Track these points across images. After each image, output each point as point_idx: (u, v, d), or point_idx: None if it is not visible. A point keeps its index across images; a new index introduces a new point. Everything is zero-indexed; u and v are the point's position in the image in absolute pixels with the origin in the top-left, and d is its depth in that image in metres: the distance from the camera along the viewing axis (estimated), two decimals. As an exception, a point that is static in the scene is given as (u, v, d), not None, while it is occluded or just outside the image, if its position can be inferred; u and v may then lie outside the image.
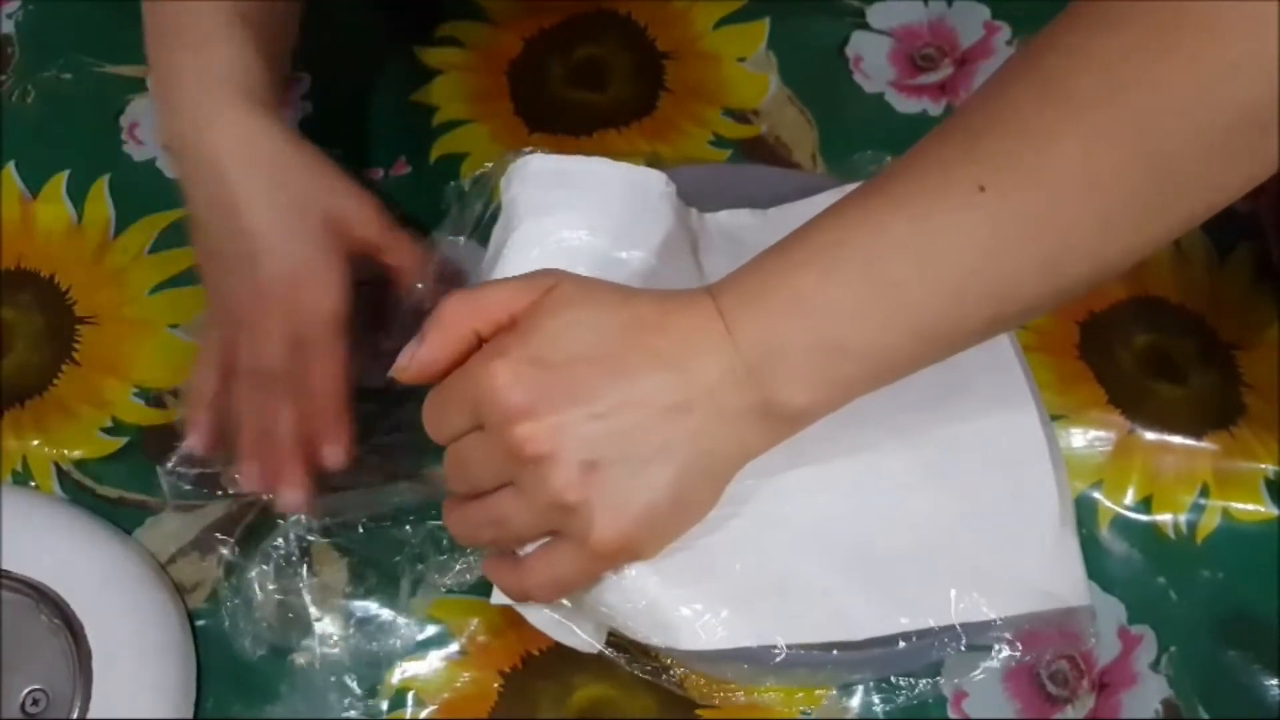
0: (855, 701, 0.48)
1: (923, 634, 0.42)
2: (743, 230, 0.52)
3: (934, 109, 0.61)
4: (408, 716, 0.49)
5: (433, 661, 0.50)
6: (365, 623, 0.51)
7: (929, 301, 0.35)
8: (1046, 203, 0.34)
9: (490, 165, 0.52)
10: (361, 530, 0.51)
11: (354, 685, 0.50)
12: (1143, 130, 0.33)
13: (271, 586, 0.51)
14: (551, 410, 0.36)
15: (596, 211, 0.46)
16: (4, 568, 0.49)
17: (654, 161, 0.60)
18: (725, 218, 0.52)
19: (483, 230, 0.51)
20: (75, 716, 0.47)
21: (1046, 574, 0.43)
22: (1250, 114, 0.32)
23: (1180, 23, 0.32)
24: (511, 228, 0.46)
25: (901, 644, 0.42)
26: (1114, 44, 0.33)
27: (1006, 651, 0.43)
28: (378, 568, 0.51)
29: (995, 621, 0.42)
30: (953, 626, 0.42)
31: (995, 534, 0.43)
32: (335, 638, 0.50)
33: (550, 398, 0.36)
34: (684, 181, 0.50)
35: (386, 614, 0.51)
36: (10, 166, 0.63)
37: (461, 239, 0.52)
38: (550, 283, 0.38)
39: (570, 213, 0.45)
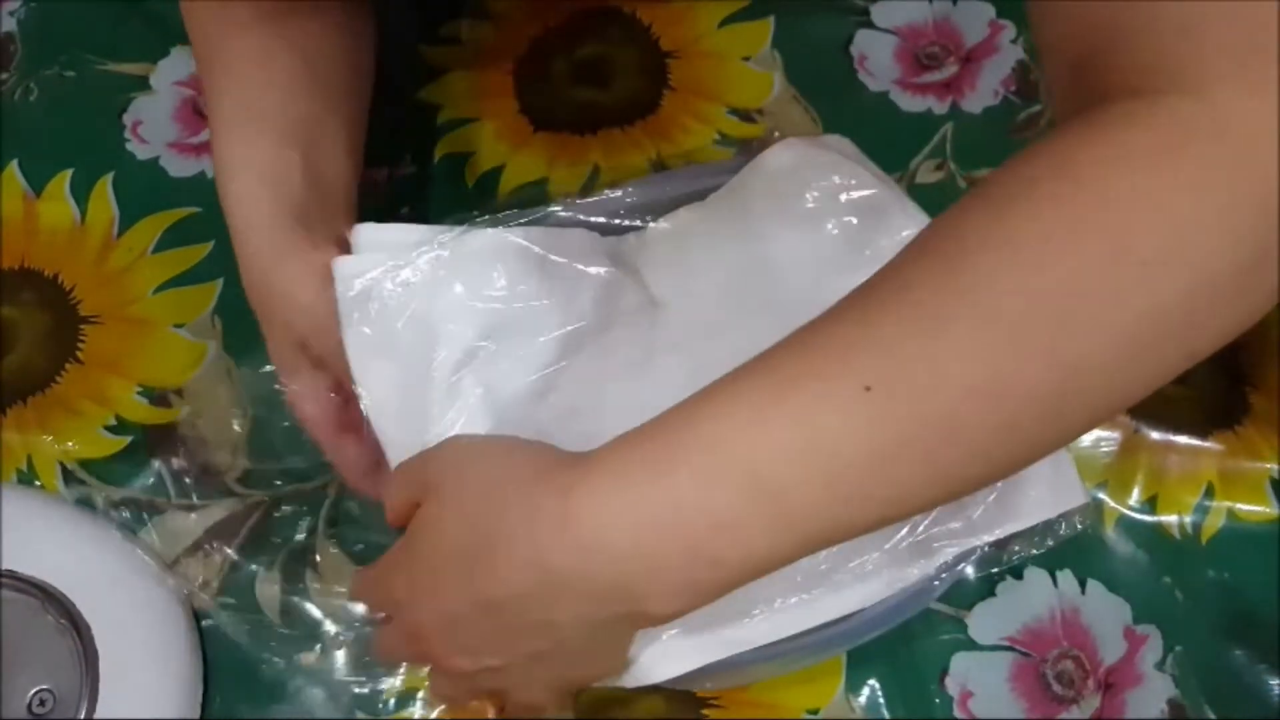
0: (863, 699, 0.49)
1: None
2: (687, 230, 0.50)
3: (939, 107, 0.61)
4: (415, 717, 0.49)
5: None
6: (371, 623, 0.51)
7: (813, 508, 0.32)
8: (936, 404, 0.31)
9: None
10: (366, 531, 0.52)
11: (360, 685, 0.50)
12: (1042, 330, 0.31)
13: (277, 586, 0.51)
14: (429, 630, 0.37)
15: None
16: (9, 568, 0.49)
17: (658, 164, 0.60)
18: (668, 223, 0.50)
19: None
20: (82, 717, 0.47)
21: (1049, 484, 0.43)
22: (1160, 315, 0.31)
23: (1088, 215, 0.31)
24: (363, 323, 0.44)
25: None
26: (1019, 233, 0.31)
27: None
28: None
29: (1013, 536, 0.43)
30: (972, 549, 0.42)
31: None
32: (341, 638, 0.50)
33: (426, 619, 0.37)
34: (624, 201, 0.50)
35: (392, 614, 0.51)
36: (13, 165, 0.62)
37: None
38: (424, 476, 0.39)
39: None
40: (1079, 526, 0.44)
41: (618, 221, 0.50)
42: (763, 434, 0.32)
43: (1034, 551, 0.44)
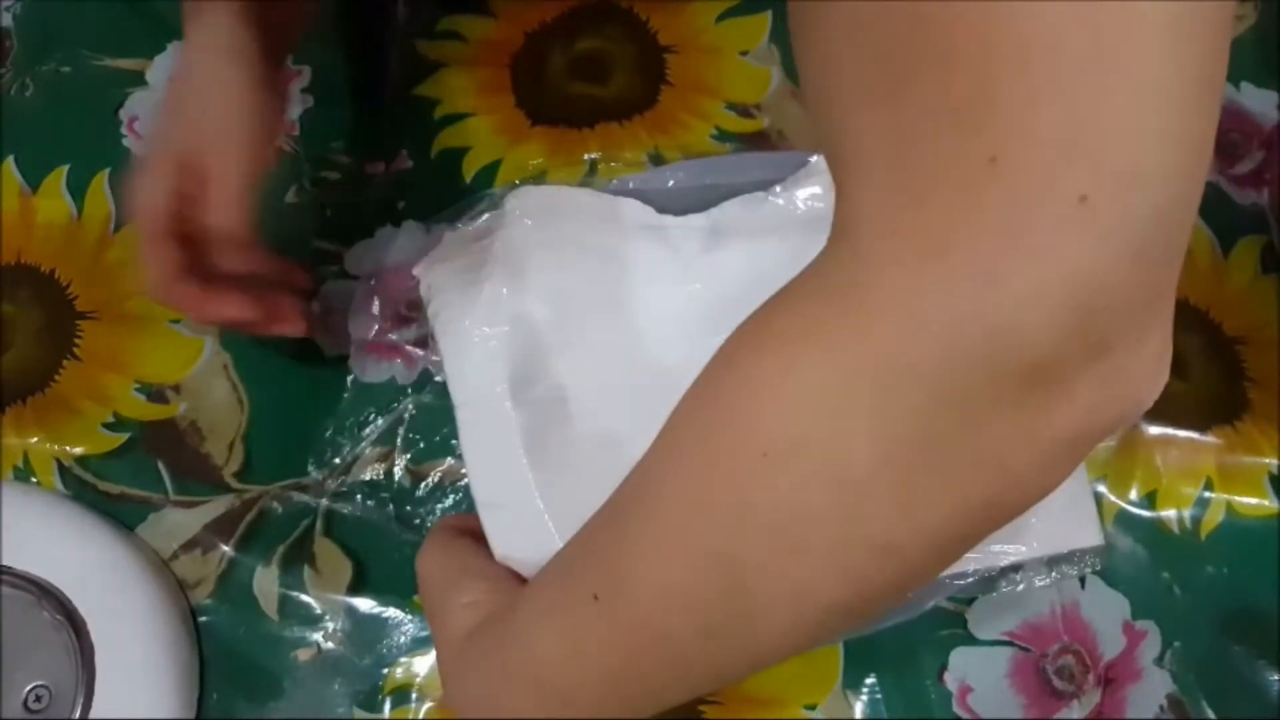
0: (862, 695, 0.49)
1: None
2: (735, 222, 0.51)
3: (937, 102, 0.61)
4: (410, 714, 0.49)
5: (435, 658, 0.50)
6: (368, 619, 0.51)
7: (595, 704, 0.34)
8: (647, 611, 0.31)
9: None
10: (364, 527, 0.51)
11: (357, 682, 0.50)
12: (698, 532, 0.29)
13: (274, 583, 0.51)
14: None
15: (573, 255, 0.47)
16: (6, 564, 0.49)
17: (657, 158, 0.60)
18: (715, 212, 0.51)
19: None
20: (78, 714, 0.47)
21: (1064, 518, 0.44)
22: (791, 508, 0.27)
23: (727, 401, 0.29)
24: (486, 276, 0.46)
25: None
26: (674, 432, 0.31)
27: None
28: (380, 564, 0.51)
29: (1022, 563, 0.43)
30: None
31: None
32: (338, 634, 0.50)
33: None
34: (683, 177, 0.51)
35: (389, 610, 0.51)
36: (9, 161, 0.62)
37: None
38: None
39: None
40: (1089, 569, 0.45)
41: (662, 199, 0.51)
42: (532, 649, 0.35)
43: (1040, 582, 0.44)
